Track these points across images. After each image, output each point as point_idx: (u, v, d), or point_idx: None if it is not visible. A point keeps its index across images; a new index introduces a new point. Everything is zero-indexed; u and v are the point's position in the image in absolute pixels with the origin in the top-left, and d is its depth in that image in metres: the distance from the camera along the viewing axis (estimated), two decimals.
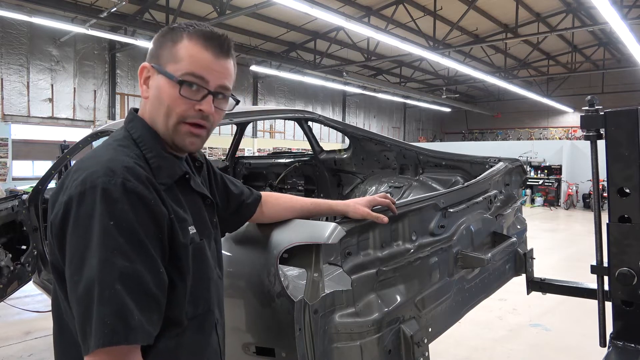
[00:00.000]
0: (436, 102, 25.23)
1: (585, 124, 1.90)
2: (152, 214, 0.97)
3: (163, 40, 1.10)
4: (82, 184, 0.94)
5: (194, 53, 1.07)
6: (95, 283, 0.88)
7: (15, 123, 14.40)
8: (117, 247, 0.90)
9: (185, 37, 1.08)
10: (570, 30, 15.39)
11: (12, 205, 3.50)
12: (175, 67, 1.07)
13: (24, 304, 4.85)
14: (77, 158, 1.30)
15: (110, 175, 0.94)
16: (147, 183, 0.98)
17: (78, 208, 0.92)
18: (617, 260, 1.82)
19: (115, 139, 1.09)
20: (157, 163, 1.06)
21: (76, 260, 0.91)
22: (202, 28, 1.10)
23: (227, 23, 15.10)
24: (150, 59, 1.12)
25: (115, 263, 0.90)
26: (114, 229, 0.91)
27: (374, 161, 3.87)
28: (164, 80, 1.07)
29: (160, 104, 1.08)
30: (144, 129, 1.10)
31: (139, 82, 1.12)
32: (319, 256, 1.39)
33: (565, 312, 4.95)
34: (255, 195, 1.45)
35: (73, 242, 0.92)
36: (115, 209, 0.92)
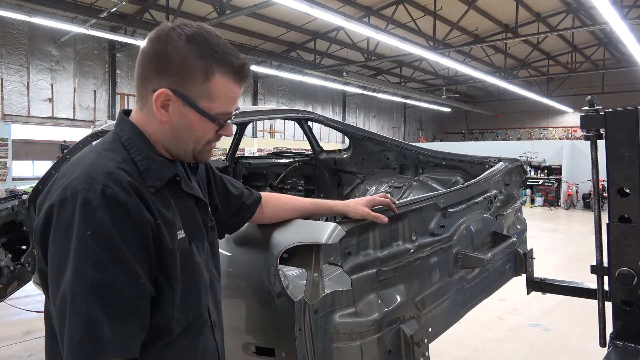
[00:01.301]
0: (436, 102, 25.23)
1: (585, 124, 1.90)
2: (132, 221, 0.95)
3: (189, 65, 1.02)
4: (63, 191, 0.93)
5: (227, 91, 1.07)
6: (68, 294, 0.87)
7: (15, 123, 14.40)
8: (93, 258, 0.89)
9: (216, 71, 1.04)
10: (570, 30, 15.39)
11: (12, 205, 3.50)
12: (209, 105, 1.05)
13: (24, 304, 4.85)
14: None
15: (90, 182, 0.93)
16: (128, 189, 0.95)
17: (58, 215, 0.92)
18: (617, 260, 1.82)
19: (102, 142, 1.09)
20: (146, 165, 1.04)
21: (54, 270, 0.91)
22: (231, 57, 1.06)
23: (227, 23, 15.10)
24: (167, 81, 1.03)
25: (88, 274, 0.88)
26: (90, 238, 0.89)
27: (374, 161, 3.87)
28: (195, 115, 1.05)
29: (189, 134, 1.08)
30: (132, 131, 1.08)
31: (154, 106, 1.04)
32: (319, 256, 1.39)
33: (565, 312, 4.95)
34: (255, 196, 1.45)
35: (52, 250, 0.92)
36: (93, 218, 0.90)
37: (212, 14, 13.36)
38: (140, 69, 1.07)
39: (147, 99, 1.06)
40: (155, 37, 1.05)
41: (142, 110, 1.09)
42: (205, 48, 1.03)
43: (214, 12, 12.93)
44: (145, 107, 1.08)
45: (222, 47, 1.06)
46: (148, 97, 1.06)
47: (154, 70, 1.04)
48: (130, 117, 1.11)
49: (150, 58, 1.05)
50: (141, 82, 1.07)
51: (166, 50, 1.02)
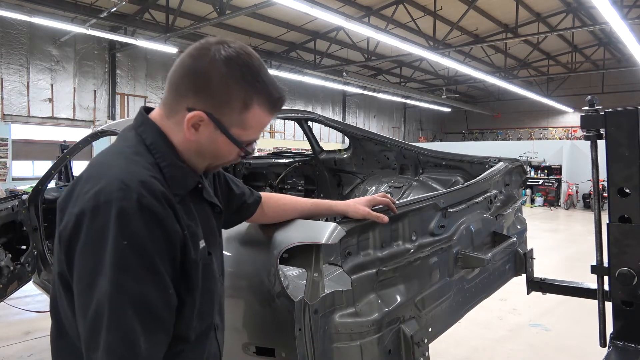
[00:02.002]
0: (436, 102, 25.23)
1: (585, 124, 1.90)
2: (165, 232, 0.94)
3: (230, 93, 1.01)
4: (95, 198, 0.90)
5: (261, 121, 1.07)
6: (105, 306, 0.86)
7: (15, 123, 14.39)
8: (129, 269, 0.88)
9: (255, 102, 1.03)
10: (570, 30, 15.38)
11: (12, 205, 3.50)
12: (240, 133, 1.05)
13: (24, 304, 4.85)
14: (78, 159, 1.28)
15: (126, 190, 0.90)
16: (162, 199, 0.95)
17: (91, 223, 0.89)
18: (617, 260, 1.82)
19: (127, 145, 1.04)
20: (171, 173, 1.02)
21: (86, 279, 0.89)
22: (271, 89, 1.05)
23: (227, 23, 15.10)
24: (204, 104, 1.01)
25: (127, 286, 0.88)
26: (127, 249, 0.88)
27: (374, 161, 3.87)
28: (224, 139, 1.04)
29: (213, 153, 1.08)
30: (157, 135, 1.05)
31: (185, 124, 1.01)
32: (319, 256, 1.39)
33: (565, 312, 4.95)
34: (255, 196, 1.45)
35: (84, 259, 0.90)
36: (129, 228, 0.89)
37: (212, 14, 13.36)
38: (176, 80, 1.05)
39: (177, 112, 1.04)
40: (197, 54, 1.03)
41: (168, 118, 1.06)
42: (249, 77, 1.02)
43: (214, 12, 12.92)
44: (173, 117, 1.05)
45: (264, 77, 1.05)
46: (179, 111, 1.03)
47: (192, 88, 1.02)
48: (153, 119, 1.08)
49: (189, 75, 1.02)
50: (175, 94, 1.05)
51: (209, 71, 1.00)
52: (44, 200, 3.77)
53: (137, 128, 1.08)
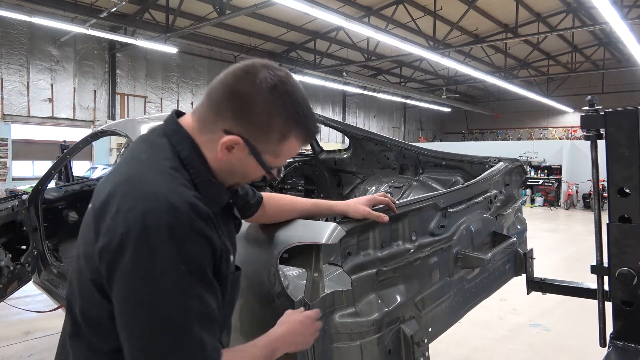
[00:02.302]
0: (436, 102, 25.24)
1: (585, 124, 1.90)
2: (213, 252, 0.98)
3: (271, 124, 1.01)
4: (142, 218, 0.90)
5: (293, 151, 1.08)
6: (169, 328, 0.89)
7: (15, 123, 14.41)
8: (192, 291, 0.91)
9: (293, 135, 1.04)
10: (570, 30, 15.40)
11: (12, 205, 3.50)
12: (272, 160, 1.07)
13: (24, 304, 4.85)
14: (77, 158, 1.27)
15: (176, 214, 0.91)
16: (208, 220, 0.97)
17: (141, 246, 0.89)
18: (617, 260, 1.82)
19: (163, 156, 1.02)
20: (206, 190, 1.02)
21: (140, 301, 0.90)
22: (310, 123, 1.06)
23: (227, 23, 15.11)
24: (243, 129, 1.01)
25: (193, 307, 0.91)
26: (186, 273, 0.90)
27: (374, 161, 3.87)
28: (255, 164, 1.06)
29: (242, 175, 1.10)
30: (191, 149, 1.04)
31: (219, 147, 1.01)
32: (319, 256, 1.39)
33: (565, 312, 4.95)
34: (258, 196, 1.45)
35: (131, 279, 0.90)
36: (184, 251, 0.90)
37: (212, 14, 13.37)
38: (217, 99, 1.03)
39: (213, 131, 1.03)
40: (243, 76, 1.01)
41: (201, 133, 1.05)
42: (291, 109, 1.02)
43: (214, 12, 12.93)
44: (207, 134, 1.04)
45: (305, 110, 1.05)
46: (215, 131, 1.02)
47: (232, 111, 1.01)
48: (186, 127, 1.06)
49: (233, 97, 1.00)
50: (214, 113, 1.03)
51: (253, 98, 0.99)
52: (44, 200, 3.77)
53: (169, 136, 1.05)
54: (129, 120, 3.09)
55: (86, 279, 0.99)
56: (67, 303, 1.08)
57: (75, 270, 1.05)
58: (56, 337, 4.45)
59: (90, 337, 1.01)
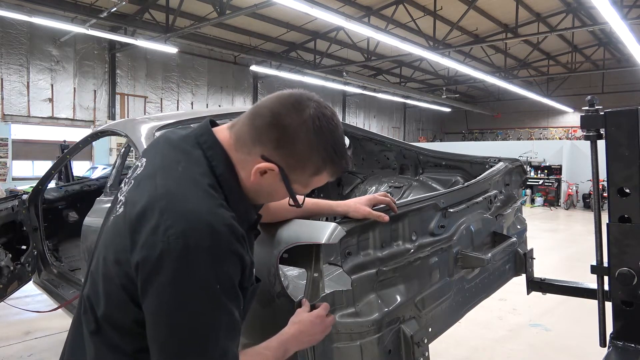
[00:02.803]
0: (436, 102, 25.24)
1: (585, 124, 1.90)
2: (243, 269, 1.01)
3: (309, 159, 1.04)
4: (183, 238, 0.92)
5: (321, 182, 1.12)
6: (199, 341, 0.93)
7: (15, 123, 14.41)
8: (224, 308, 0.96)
9: (325, 171, 1.08)
10: (570, 30, 15.40)
11: (12, 205, 3.50)
12: (300, 189, 1.11)
13: (24, 304, 4.85)
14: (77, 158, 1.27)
15: (216, 237, 0.94)
16: (242, 242, 1.00)
17: (180, 266, 0.92)
18: (617, 260, 1.82)
19: (200, 172, 1.03)
20: (237, 208, 1.04)
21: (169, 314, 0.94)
22: (343, 161, 1.09)
23: (227, 23, 15.12)
24: (280, 159, 1.03)
25: (222, 321, 0.96)
26: (219, 291, 0.95)
27: (374, 161, 3.87)
28: (284, 190, 1.08)
29: (268, 197, 1.14)
30: (226, 167, 1.05)
31: (253, 170, 1.04)
32: (319, 256, 1.39)
33: (565, 312, 4.95)
34: None
35: (167, 295, 0.93)
36: (221, 272, 0.95)
37: (212, 14, 13.37)
38: (260, 126, 1.03)
39: (250, 153, 1.05)
40: (292, 108, 1.02)
41: (237, 151, 1.06)
42: (329, 148, 1.05)
43: (214, 12, 12.93)
44: (243, 154, 1.06)
45: (341, 149, 1.08)
46: (252, 154, 1.04)
47: (273, 140, 1.02)
48: (222, 141, 1.07)
49: (277, 128, 1.02)
50: (254, 138, 1.04)
51: (297, 133, 1.01)
52: (44, 200, 3.77)
53: (205, 149, 1.06)
54: (129, 120, 3.09)
55: (116, 284, 1.01)
56: (87, 301, 1.09)
57: (102, 272, 1.06)
58: (56, 337, 4.45)
59: (112, 337, 1.04)
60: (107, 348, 1.04)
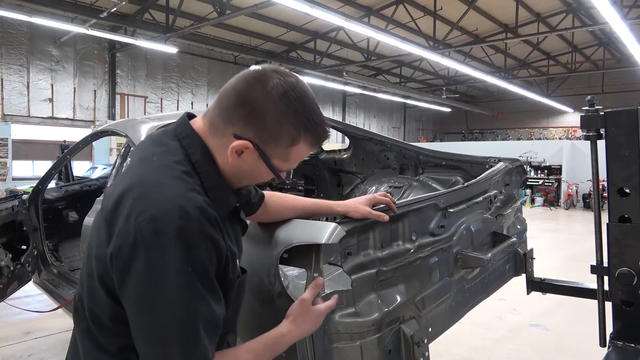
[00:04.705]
0: (436, 102, 25.23)
1: (585, 124, 1.90)
2: (220, 256, 0.99)
3: (281, 130, 1.02)
4: (153, 223, 0.91)
5: (303, 155, 1.10)
6: (179, 329, 0.91)
7: (15, 123, 14.41)
8: (198, 294, 0.93)
9: (302, 140, 1.06)
10: (570, 30, 15.41)
11: (12, 205, 3.50)
12: (281, 164, 1.08)
13: (24, 304, 4.85)
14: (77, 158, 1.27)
15: (186, 218, 0.92)
16: (215, 225, 0.98)
17: (151, 249, 0.91)
18: (617, 260, 1.82)
19: (175, 160, 1.03)
20: (215, 194, 1.04)
21: (147, 302, 0.92)
22: (320, 129, 1.08)
23: (227, 23, 15.11)
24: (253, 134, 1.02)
25: (199, 310, 0.93)
26: (192, 275, 0.92)
27: (374, 161, 3.87)
28: (265, 168, 1.07)
29: (251, 178, 1.12)
30: (203, 154, 1.06)
31: (229, 151, 1.03)
32: (319, 256, 1.39)
33: (565, 312, 4.96)
34: (260, 194, 1.46)
35: (143, 282, 0.92)
36: (193, 256, 0.92)
37: (212, 14, 13.36)
38: (228, 106, 1.04)
39: (223, 135, 1.05)
40: (254, 81, 1.03)
41: (213, 136, 1.06)
42: (301, 115, 1.04)
43: (214, 12, 12.93)
44: (218, 139, 1.06)
45: (315, 115, 1.07)
46: (226, 135, 1.04)
47: (243, 117, 1.02)
48: (198, 130, 1.08)
49: (244, 104, 1.02)
50: (225, 119, 1.04)
51: (264, 105, 1.01)
52: (44, 200, 3.77)
53: (182, 139, 1.07)
54: (129, 120, 3.09)
55: (95, 279, 1.01)
56: (79, 301, 1.09)
57: (86, 271, 1.06)
58: (56, 337, 4.45)
59: (98, 336, 1.03)
60: (96, 347, 1.04)
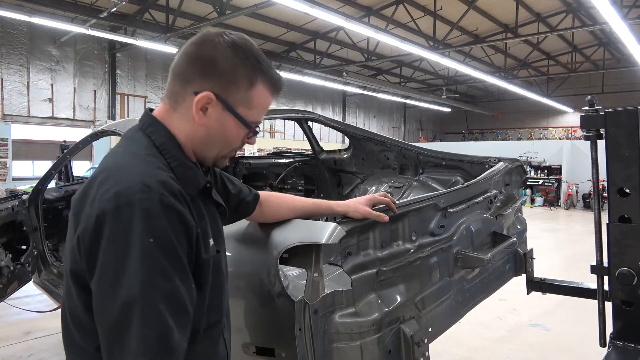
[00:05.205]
0: (436, 102, 25.23)
1: (585, 124, 1.90)
2: (186, 230, 0.97)
3: (236, 72, 1.05)
4: (115, 199, 0.91)
5: (264, 101, 1.11)
6: (137, 304, 0.87)
7: (15, 123, 14.40)
8: (159, 267, 0.90)
9: (259, 81, 1.08)
10: (570, 30, 15.40)
11: (12, 205, 3.50)
12: (247, 113, 1.09)
13: (24, 304, 4.85)
14: (78, 158, 1.28)
15: (147, 191, 0.92)
16: (180, 198, 0.97)
17: (113, 224, 0.90)
18: (617, 260, 1.82)
19: (139, 146, 1.05)
20: (183, 173, 1.04)
21: (110, 278, 0.89)
22: (271, 70, 1.10)
23: (227, 23, 15.08)
24: (212, 85, 1.04)
25: (158, 283, 0.89)
26: (154, 247, 0.90)
27: (374, 161, 3.87)
28: (232, 120, 1.08)
29: (222, 138, 1.10)
30: (166, 136, 1.07)
31: (194, 107, 1.04)
32: (319, 256, 1.39)
33: (565, 312, 4.95)
34: (254, 193, 1.46)
35: (107, 259, 0.90)
36: (154, 226, 0.90)
37: (212, 14, 13.36)
38: (180, 69, 1.07)
39: (184, 99, 1.07)
40: (201, 41, 1.07)
41: (175, 110, 1.09)
42: (252, 59, 1.07)
43: (214, 12, 12.93)
44: (179, 108, 1.08)
45: (264, 61, 1.10)
46: (186, 98, 1.06)
47: (198, 73, 1.05)
48: (159, 117, 1.10)
49: (195, 61, 1.05)
50: (180, 83, 1.07)
51: (214, 55, 1.04)
52: (44, 200, 3.77)
53: (145, 129, 1.09)
54: (129, 121, 3.09)
55: (69, 276, 1.00)
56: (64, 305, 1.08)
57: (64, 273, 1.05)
58: (56, 337, 4.45)
59: (78, 338, 1.01)
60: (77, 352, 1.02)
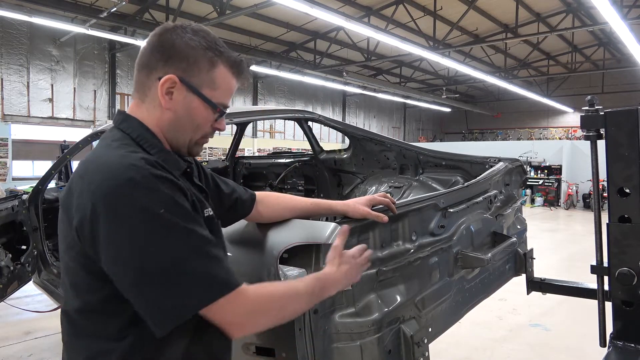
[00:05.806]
0: (436, 102, 25.23)
1: (585, 124, 1.90)
2: (183, 193, 1.01)
3: (196, 55, 1.09)
4: (104, 185, 0.94)
5: (228, 82, 1.14)
6: (174, 267, 0.91)
7: (15, 123, 14.39)
8: (177, 228, 0.94)
9: (220, 62, 1.11)
10: (570, 30, 15.39)
11: (12, 205, 3.50)
12: (212, 94, 1.11)
13: (24, 304, 4.85)
14: (78, 158, 1.29)
15: (135, 168, 0.95)
16: (165, 170, 1.01)
17: (112, 207, 0.92)
18: (617, 260, 1.82)
19: (113, 139, 1.08)
20: (163, 157, 1.07)
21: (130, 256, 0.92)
22: (230, 53, 1.14)
23: (227, 23, 15.10)
24: (174, 69, 1.08)
25: (181, 243, 0.94)
26: (166, 213, 0.94)
27: (374, 161, 3.87)
28: (198, 102, 1.10)
29: (190, 122, 1.12)
30: (141, 128, 1.10)
31: (160, 92, 1.07)
32: (319, 256, 1.39)
33: (565, 312, 4.95)
34: (250, 193, 1.46)
35: (118, 238, 0.92)
36: (156, 197, 0.94)
37: (212, 14, 13.36)
38: (144, 60, 1.11)
39: (150, 88, 1.10)
40: (160, 32, 1.11)
41: (143, 102, 1.12)
42: (211, 42, 1.11)
43: (214, 12, 12.93)
44: (147, 98, 1.11)
45: (222, 45, 1.14)
46: (152, 86, 1.09)
47: (160, 59, 1.08)
48: (130, 112, 1.13)
49: (156, 48, 1.09)
50: (144, 72, 1.10)
51: (174, 41, 1.08)
52: (44, 200, 3.77)
53: (119, 125, 1.12)
54: None
55: (74, 269, 1.01)
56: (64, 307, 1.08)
57: (63, 270, 1.07)
58: (56, 337, 4.45)
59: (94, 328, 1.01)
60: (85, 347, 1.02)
